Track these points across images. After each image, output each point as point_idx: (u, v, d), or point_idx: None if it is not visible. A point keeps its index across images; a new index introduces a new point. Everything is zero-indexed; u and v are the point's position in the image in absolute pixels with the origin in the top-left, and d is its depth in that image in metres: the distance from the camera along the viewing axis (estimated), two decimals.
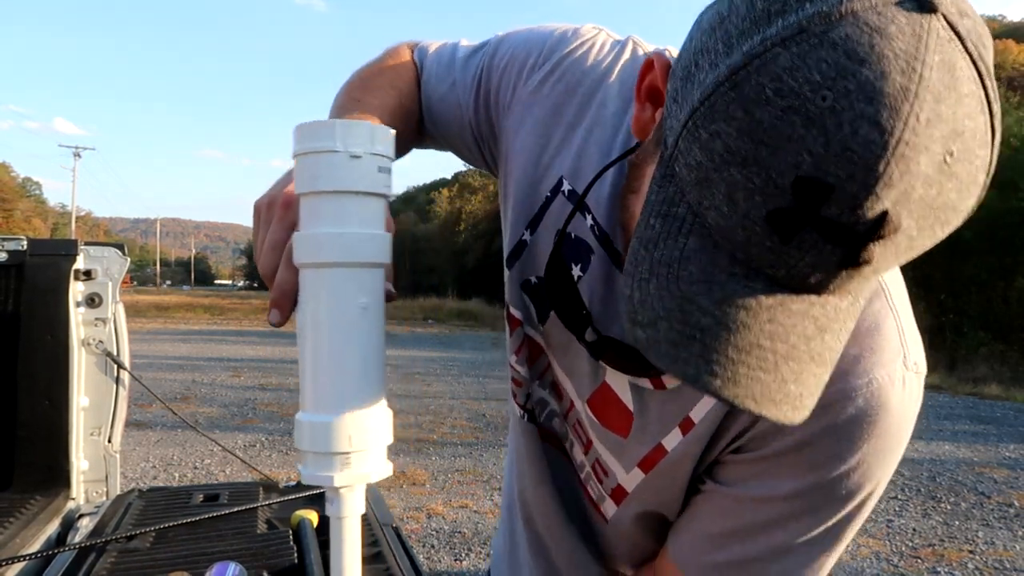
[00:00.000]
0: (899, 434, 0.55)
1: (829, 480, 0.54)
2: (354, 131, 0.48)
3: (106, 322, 1.74)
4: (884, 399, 0.53)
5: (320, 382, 0.50)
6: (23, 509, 1.41)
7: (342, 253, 0.48)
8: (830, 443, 0.54)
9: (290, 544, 1.16)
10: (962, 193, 0.43)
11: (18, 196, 51.40)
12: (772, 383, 0.41)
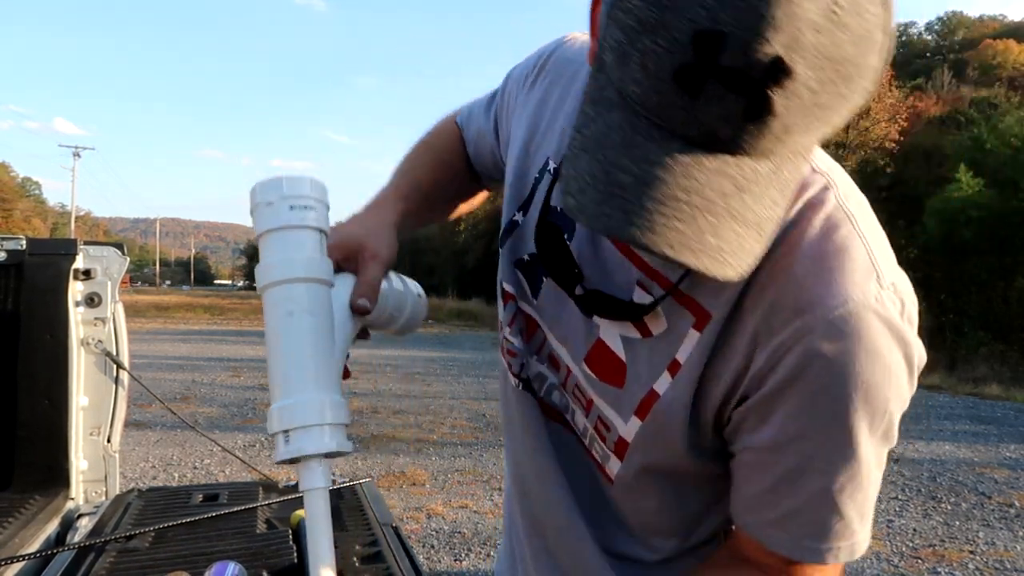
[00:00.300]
0: (888, 350, 0.54)
1: (835, 403, 0.54)
2: (266, 186, 0.63)
3: (105, 322, 1.74)
4: (862, 316, 0.54)
5: (270, 377, 0.63)
6: (22, 509, 1.41)
7: (262, 278, 0.62)
8: (821, 366, 0.54)
9: (289, 544, 1.16)
10: (859, 47, 0.43)
11: (18, 196, 51.43)
12: (689, 233, 0.44)
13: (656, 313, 0.61)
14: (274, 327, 0.62)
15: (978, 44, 50.44)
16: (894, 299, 0.56)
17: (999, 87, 31.33)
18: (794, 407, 0.56)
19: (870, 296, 0.55)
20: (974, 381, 11.61)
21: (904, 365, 0.56)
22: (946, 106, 29.48)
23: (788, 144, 0.46)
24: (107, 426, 1.76)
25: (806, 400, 0.55)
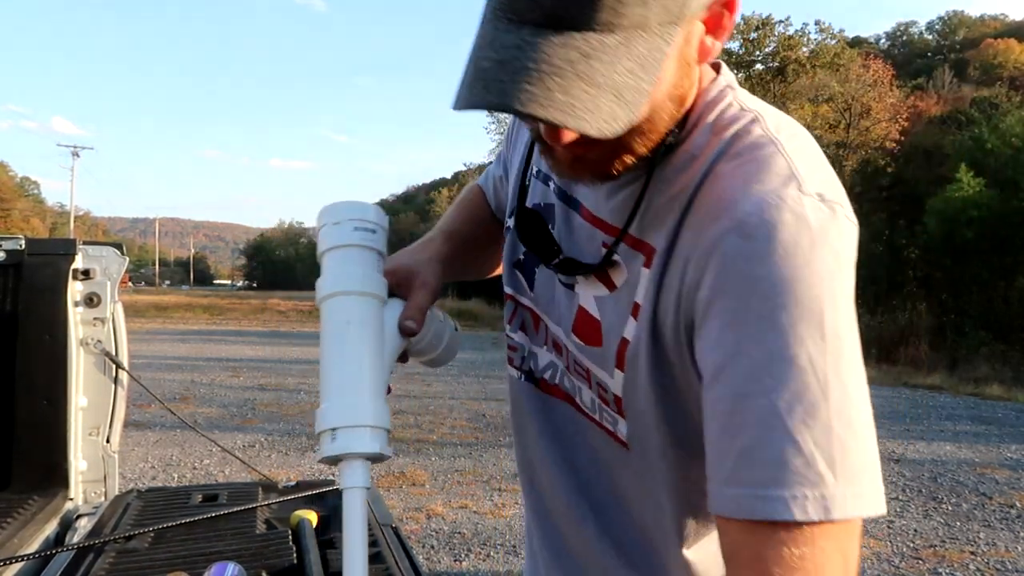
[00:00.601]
0: (809, 245, 0.53)
1: (760, 304, 0.53)
2: (336, 208, 0.71)
3: (105, 322, 1.74)
4: (774, 214, 0.54)
5: (323, 380, 0.66)
6: (21, 509, 1.41)
7: (324, 289, 0.69)
8: (739, 268, 0.54)
9: (289, 544, 1.15)
10: None
11: (16, 196, 51.44)
12: (537, 92, 0.49)
13: (618, 266, 0.66)
14: (331, 334, 0.67)
15: (979, 44, 50.45)
16: (818, 205, 0.55)
17: (1000, 87, 31.30)
18: (725, 319, 0.54)
19: (786, 198, 0.55)
20: (975, 381, 11.60)
21: (832, 262, 0.53)
22: (947, 106, 29.47)
23: (627, 16, 0.49)
24: (106, 426, 1.76)
25: (733, 308, 0.54)
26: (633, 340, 0.64)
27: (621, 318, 0.65)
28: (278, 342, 17.40)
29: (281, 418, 7.27)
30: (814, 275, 0.53)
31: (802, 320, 0.52)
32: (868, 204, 23.61)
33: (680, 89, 0.59)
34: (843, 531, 0.50)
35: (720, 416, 0.54)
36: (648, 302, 0.62)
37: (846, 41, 29.33)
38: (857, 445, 0.51)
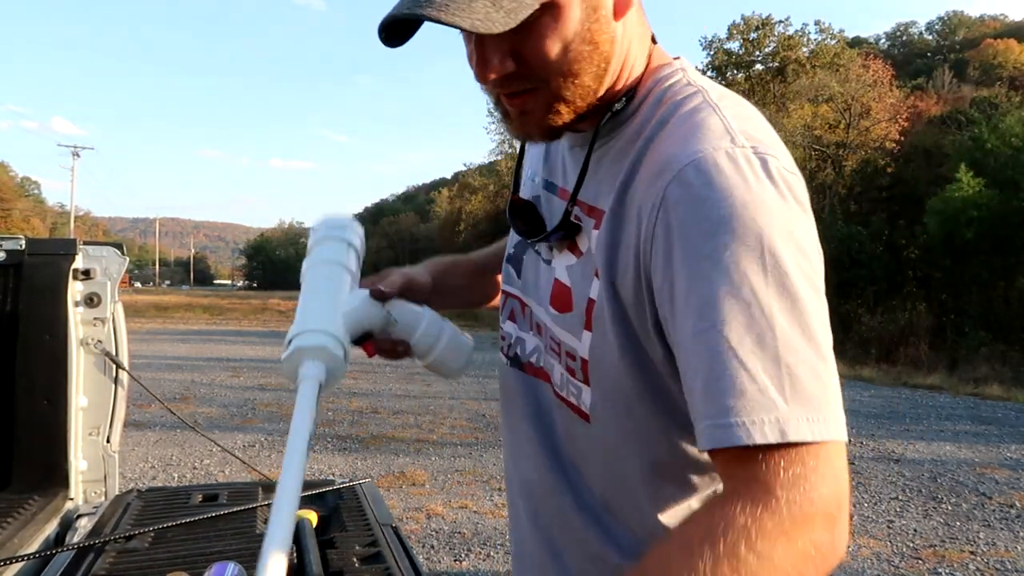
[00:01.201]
0: (746, 184, 0.58)
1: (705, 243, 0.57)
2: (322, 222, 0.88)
3: (105, 322, 1.74)
4: (711, 159, 0.59)
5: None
6: (21, 509, 1.41)
7: (304, 266, 0.82)
8: (683, 211, 0.59)
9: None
10: None
11: (16, 196, 51.40)
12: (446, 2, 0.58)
13: (583, 233, 0.71)
14: (302, 283, 0.80)
15: (979, 44, 50.42)
16: (750, 155, 0.60)
17: (1000, 87, 31.28)
18: (675, 265, 0.59)
19: (721, 148, 0.60)
20: (975, 381, 11.60)
21: (770, 201, 0.58)
22: (947, 106, 29.44)
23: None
24: (106, 426, 1.76)
25: (681, 253, 0.58)
26: (598, 299, 0.68)
27: (587, 280, 0.69)
28: (278, 342, 17.37)
29: (281, 418, 7.27)
30: (752, 213, 0.57)
31: (744, 256, 0.56)
32: (868, 204, 23.61)
33: (600, 42, 0.66)
34: (820, 452, 0.53)
35: (683, 357, 0.59)
36: (603, 261, 0.66)
37: (846, 41, 29.33)
38: (807, 372, 0.54)
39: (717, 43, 29.18)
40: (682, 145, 0.62)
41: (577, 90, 0.67)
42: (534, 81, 0.66)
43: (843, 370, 14.05)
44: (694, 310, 0.57)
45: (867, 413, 8.63)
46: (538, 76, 0.65)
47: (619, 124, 0.71)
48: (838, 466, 0.54)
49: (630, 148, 0.68)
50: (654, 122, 0.67)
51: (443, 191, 55.04)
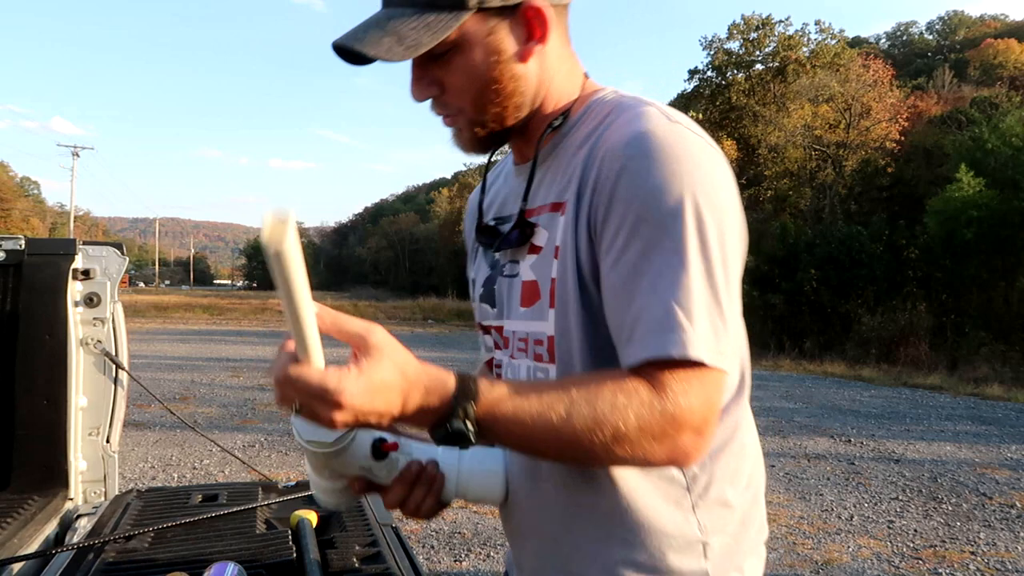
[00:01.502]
0: (680, 140, 0.73)
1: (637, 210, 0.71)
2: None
3: (104, 322, 1.73)
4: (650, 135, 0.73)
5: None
6: (21, 509, 1.41)
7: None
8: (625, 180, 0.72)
9: (289, 544, 1.15)
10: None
11: (16, 196, 51.39)
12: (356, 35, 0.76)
13: (538, 232, 0.83)
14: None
15: (979, 44, 50.42)
16: (683, 130, 0.74)
17: (1000, 87, 31.28)
18: (615, 222, 0.73)
19: (658, 126, 0.74)
20: (975, 381, 11.60)
21: (701, 163, 0.72)
22: (947, 106, 29.43)
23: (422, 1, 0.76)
24: (106, 426, 1.76)
25: (620, 212, 0.72)
26: (559, 275, 0.80)
27: (548, 265, 0.81)
28: (278, 342, 17.30)
29: (281, 418, 7.26)
30: (686, 175, 0.71)
31: (672, 216, 0.70)
32: (868, 204, 23.61)
33: (503, 81, 0.80)
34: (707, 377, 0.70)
35: (616, 295, 0.73)
36: (569, 239, 0.78)
37: (846, 41, 29.32)
38: (706, 312, 0.70)
39: (717, 43, 29.15)
40: (629, 127, 0.75)
41: (486, 116, 0.82)
42: (451, 108, 0.82)
43: (843, 370, 14.03)
44: (629, 257, 0.72)
45: (867, 413, 8.63)
46: (453, 103, 0.81)
47: (562, 137, 0.84)
48: (713, 392, 0.71)
49: (581, 150, 0.80)
50: (601, 126, 0.80)
51: (443, 191, 55.07)
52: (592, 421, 0.68)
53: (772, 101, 26.78)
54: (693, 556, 0.80)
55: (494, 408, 0.69)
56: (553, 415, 0.69)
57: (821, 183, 25.21)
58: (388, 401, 0.67)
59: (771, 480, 5.46)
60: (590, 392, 0.70)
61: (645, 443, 0.69)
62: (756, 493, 0.89)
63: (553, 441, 0.70)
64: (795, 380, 12.20)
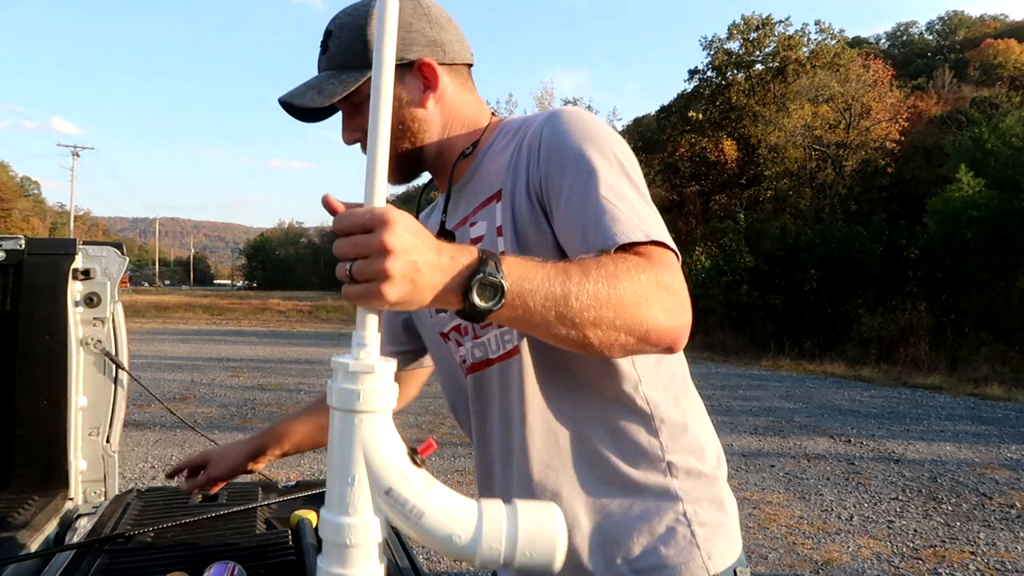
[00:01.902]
0: (588, 119, 0.93)
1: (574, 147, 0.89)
2: None
3: (105, 321, 1.73)
4: (563, 109, 0.95)
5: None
6: (21, 509, 1.41)
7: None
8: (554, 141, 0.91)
9: (289, 544, 1.15)
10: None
11: (16, 195, 51.36)
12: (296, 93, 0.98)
13: (476, 226, 0.98)
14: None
15: (979, 44, 50.40)
16: (584, 109, 0.98)
17: (1000, 87, 31.28)
18: (557, 171, 0.89)
19: (568, 107, 0.97)
20: (975, 381, 11.60)
21: (604, 124, 0.94)
22: (947, 106, 29.44)
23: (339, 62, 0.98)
24: (106, 426, 1.75)
25: (559, 164, 0.89)
26: (508, 247, 0.93)
27: (493, 246, 0.94)
28: (278, 342, 17.39)
29: (281, 418, 7.27)
30: (595, 129, 0.91)
31: (597, 154, 0.88)
32: (868, 204, 23.61)
33: (406, 122, 0.99)
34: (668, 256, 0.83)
35: (570, 213, 0.87)
36: (506, 216, 0.94)
37: (846, 41, 29.30)
38: (650, 214, 0.86)
39: (717, 43, 29.15)
40: (545, 113, 0.95)
41: (399, 151, 0.99)
42: None
43: (843, 370, 14.02)
44: (577, 188, 0.87)
45: (867, 413, 8.63)
46: None
47: (477, 163, 1.02)
48: (675, 264, 0.83)
49: (502, 155, 0.98)
50: (519, 132, 0.98)
51: None
52: (609, 275, 0.76)
53: (772, 101, 26.78)
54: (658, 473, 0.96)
55: (515, 266, 0.73)
56: (566, 276, 0.75)
57: (821, 183, 25.22)
58: (429, 244, 0.68)
59: (771, 480, 5.47)
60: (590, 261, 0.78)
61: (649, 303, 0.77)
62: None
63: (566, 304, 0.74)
64: (795, 380, 12.20)
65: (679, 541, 0.92)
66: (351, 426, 0.64)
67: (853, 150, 24.81)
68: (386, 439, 0.65)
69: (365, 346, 0.66)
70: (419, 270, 0.66)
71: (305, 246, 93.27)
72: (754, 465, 5.89)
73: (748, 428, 7.36)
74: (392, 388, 0.66)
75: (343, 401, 0.64)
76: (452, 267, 0.69)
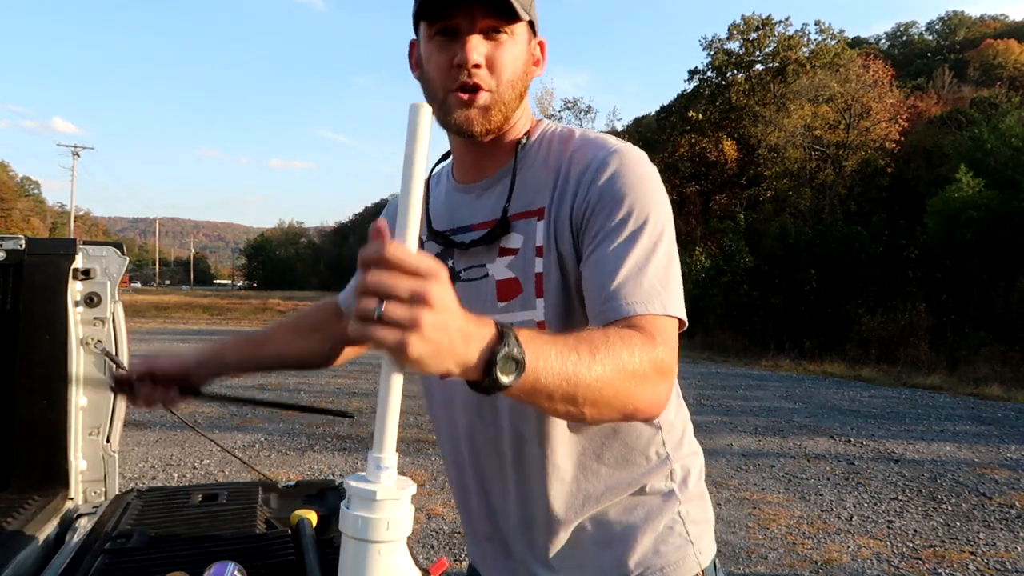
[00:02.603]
0: (642, 168, 0.93)
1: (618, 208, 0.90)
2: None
3: (105, 321, 1.73)
4: (621, 150, 0.94)
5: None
6: (21, 509, 1.41)
7: None
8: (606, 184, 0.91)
9: (289, 544, 1.15)
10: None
11: (16, 195, 51.37)
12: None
13: (509, 237, 0.97)
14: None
15: (979, 44, 50.39)
16: (636, 147, 0.96)
17: (1000, 87, 31.27)
18: (602, 216, 0.90)
19: (622, 145, 0.95)
20: (975, 382, 11.59)
21: (653, 172, 0.94)
22: (947, 106, 29.44)
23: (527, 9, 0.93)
24: (106, 426, 1.76)
25: (607, 208, 0.90)
26: (545, 270, 0.94)
27: (530, 263, 0.95)
28: None
29: (281, 418, 7.27)
30: (649, 190, 0.92)
31: (644, 216, 0.89)
32: (868, 204, 23.60)
33: (525, 77, 0.96)
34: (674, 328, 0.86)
35: (600, 265, 0.88)
36: (550, 239, 0.94)
37: (846, 41, 29.29)
38: (673, 283, 0.88)
39: (717, 43, 29.14)
40: (599, 147, 0.95)
41: (510, 101, 0.95)
42: (489, 83, 0.92)
43: (843, 370, 14.00)
44: (615, 242, 0.88)
45: (867, 413, 8.63)
46: (495, 79, 0.93)
47: (524, 156, 1.00)
48: (676, 338, 0.86)
49: (546, 167, 0.97)
50: (558, 148, 0.98)
51: None
52: (614, 357, 0.77)
53: (772, 101, 26.77)
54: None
55: (529, 341, 0.71)
56: (577, 355, 0.74)
57: (821, 183, 25.21)
58: (462, 315, 0.65)
59: (771, 480, 5.47)
60: (598, 337, 0.78)
61: (643, 384, 0.79)
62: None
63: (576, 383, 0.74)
64: (795, 380, 12.20)
65: (676, 539, 1.00)
66: (365, 557, 0.61)
67: (853, 150, 24.81)
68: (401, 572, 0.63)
69: (383, 469, 0.63)
70: (449, 335, 0.63)
71: (305, 246, 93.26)
72: (754, 465, 5.89)
73: (748, 428, 7.36)
74: (409, 513, 0.64)
75: (359, 530, 0.61)
76: (479, 338, 0.66)
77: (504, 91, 0.93)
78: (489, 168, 1.01)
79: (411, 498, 0.64)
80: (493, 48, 0.91)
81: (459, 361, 0.65)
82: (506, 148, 1.00)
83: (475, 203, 1.02)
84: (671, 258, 0.91)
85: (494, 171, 1.01)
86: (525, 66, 0.95)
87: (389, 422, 0.63)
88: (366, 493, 0.61)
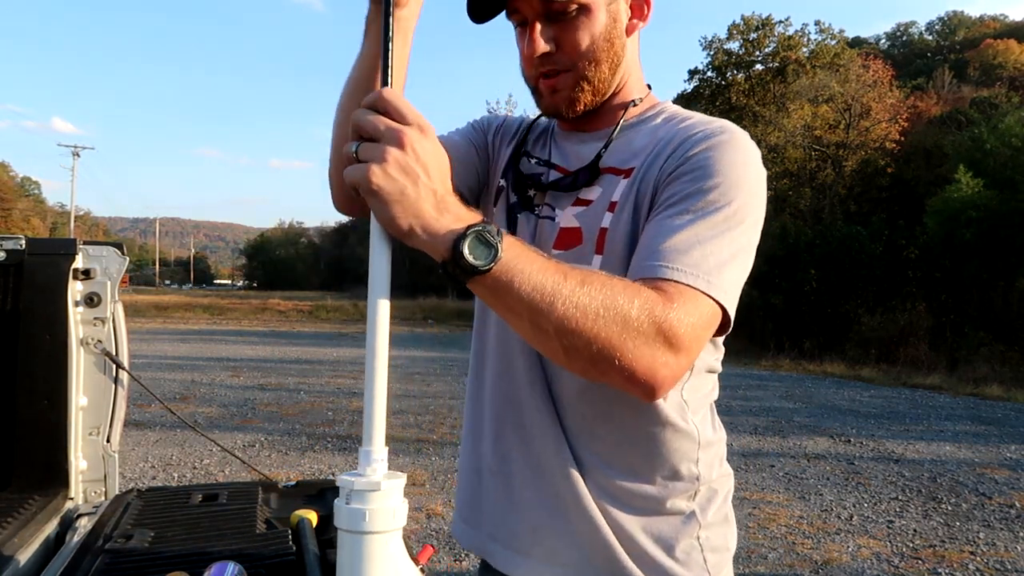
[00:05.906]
0: (746, 148, 0.88)
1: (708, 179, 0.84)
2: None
3: (105, 321, 1.73)
4: (730, 128, 0.89)
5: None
6: (21, 509, 1.41)
7: None
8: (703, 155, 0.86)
9: (289, 544, 1.15)
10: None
11: (17, 195, 51.37)
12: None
13: (591, 189, 0.94)
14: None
15: (979, 44, 50.39)
16: (747, 137, 0.90)
17: (1000, 87, 31.26)
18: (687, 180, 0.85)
19: (728, 124, 0.90)
20: (975, 382, 11.60)
21: (755, 156, 0.89)
22: (947, 106, 29.43)
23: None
24: (106, 426, 1.76)
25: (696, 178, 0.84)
26: (611, 226, 0.90)
27: (598, 217, 0.92)
28: (278, 342, 17.38)
29: (281, 418, 7.27)
30: (746, 168, 0.86)
31: (732, 199, 0.83)
32: (868, 204, 23.60)
33: (615, 44, 0.92)
34: (710, 310, 0.79)
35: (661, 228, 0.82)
36: (631, 196, 0.90)
37: (846, 41, 29.28)
38: (730, 271, 0.81)
39: (717, 43, 29.13)
40: (713, 122, 0.91)
41: (597, 74, 0.92)
42: (566, 64, 0.91)
43: (843, 370, 14.01)
44: (685, 208, 0.83)
45: (867, 413, 8.63)
46: (569, 59, 0.91)
47: (633, 121, 0.97)
48: (708, 321, 0.79)
49: (654, 136, 0.93)
50: (671, 122, 0.94)
51: None
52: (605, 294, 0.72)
53: (772, 101, 26.76)
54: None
55: (514, 242, 0.70)
56: (563, 276, 0.71)
57: (821, 183, 25.20)
58: (441, 170, 0.66)
59: (771, 480, 5.47)
60: (599, 274, 0.75)
61: (634, 337, 0.72)
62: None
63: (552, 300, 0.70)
64: (795, 380, 12.20)
65: (693, 567, 0.92)
66: (359, 549, 0.62)
67: (853, 150, 24.80)
68: (397, 563, 0.63)
69: (373, 462, 0.64)
70: (415, 183, 0.64)
71: (305, 246, 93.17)
72: (754, 465, 5.89)
73: (748, 428, 7.36)
74: (402, 504, 0.64)
75: (352, 523, 0.62)
76: (451, 210, 0.67)
77: (584, 66, 0.91)
78: (596, 123, 0.99)
79: (403, 489, 0.64)
80: (560, 29, 0.89)
81: (423, 222, 0.66)
82: (614, 108, 0.98)
83: (572, 148, 1.00)
84: (741, 249, 0.83)
85: (601, 127, 0.99)
86: (607, 32, 0.91)
87: (376, 416, 0.64)
88: (356, 486, 0.62)
